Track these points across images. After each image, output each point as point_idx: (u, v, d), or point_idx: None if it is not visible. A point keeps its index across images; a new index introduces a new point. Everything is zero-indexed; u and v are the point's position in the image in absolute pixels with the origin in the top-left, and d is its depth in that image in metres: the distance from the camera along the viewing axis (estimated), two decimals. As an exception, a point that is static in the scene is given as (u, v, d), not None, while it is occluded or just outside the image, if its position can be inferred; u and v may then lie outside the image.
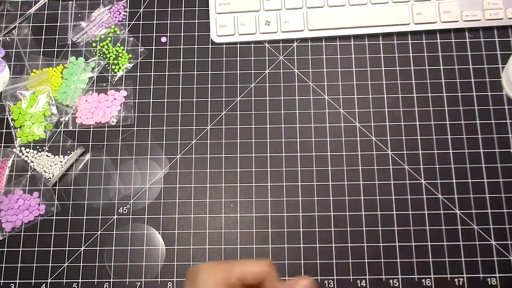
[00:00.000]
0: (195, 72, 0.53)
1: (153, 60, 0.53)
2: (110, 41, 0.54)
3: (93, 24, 0.53)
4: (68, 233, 0.48)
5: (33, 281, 0.47)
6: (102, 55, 0.53)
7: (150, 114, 0.52)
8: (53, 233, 0.48)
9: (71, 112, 0.52)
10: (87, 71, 0.53)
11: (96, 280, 0.47)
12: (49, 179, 0.49)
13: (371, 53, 0.53)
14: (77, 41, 0.53)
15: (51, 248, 0.48)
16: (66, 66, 0.53)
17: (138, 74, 0.53)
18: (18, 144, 0.51)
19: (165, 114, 0.52)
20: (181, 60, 0.53)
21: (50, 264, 0.48)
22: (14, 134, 0.51)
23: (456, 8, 0.53)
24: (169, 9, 0.55)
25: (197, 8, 0.55)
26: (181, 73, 0.53)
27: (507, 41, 0.52)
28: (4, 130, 0.52)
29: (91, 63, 0.53)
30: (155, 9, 0.55)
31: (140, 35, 0.54)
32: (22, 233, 0.48)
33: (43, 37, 0.55)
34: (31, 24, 0.55)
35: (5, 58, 0.54)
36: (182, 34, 0.54)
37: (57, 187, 0.50)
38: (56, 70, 0.53)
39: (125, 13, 0.55)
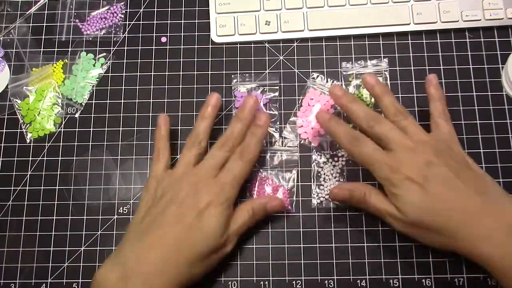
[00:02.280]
0: (195, 72, 0.53)
1: (153, 60, 0.53)
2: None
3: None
4: (68, 233, 0.48)
5: (33, 281, 0.47)
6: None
7: (150, 114, 0.52)
8: (53, 233, 0.48)
9: (80, 108, 0.52)
10: (97, 66, 0.53)
11: (96, 280, 0.47)
12: None
13: (371, 53, 0.53)
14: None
15: (51, 248, 0.48)
16: (66, 61, 0.53)
17: (138, 74, 0.53)
18: (29, 140, 0.51)
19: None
20: (181, 60, 0.53)
21: (50, 264, 0.48)
22: (25, 131, 0.51)
23: (456, 8, 0.53)
24: (169, 9, 0.55)
25: (197, 8, 0.55)
26: (181, 73, 0.53)
27: (507, 41, 0.52)
28: (15, 130, 0.51)
29: (100, 59, 0.53)
30: (155, 9, 0.55)
31: (140, 35, 0.54)
32: (22, 233, 0.49)
33: (43, 37, 0.55)
34: (31, 24, 0.55)
35: (4, 57, 0.54)
36: (182, 34, 0.54)
37: (57, 187, 0.50)
38: (57, 66, 0.53)
39: (122, 16, 0.55)
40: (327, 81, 0.51)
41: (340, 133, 0.43)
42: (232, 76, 0.52)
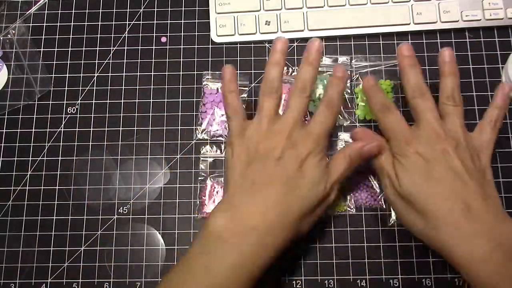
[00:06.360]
0: (195, 72, 0.53)
1: (153, 60, 0.53)
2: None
3: None
4: (68, 233, 0.49)
5: (33, 281, 0.47)
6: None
7: (150, 114, 0.52)
8: (53, 233, 0.49)
9: None
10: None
11: (96, 280, 0.47)
12: None
13: (371, 53, 0.53)
14: None
15: (51, 248, 0.48)
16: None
17: (138, 74, 0.53)
18: None
19: (165, 114, 0.52)
20: (181, 60, 0.53)
21: (50, 264, 0.48)
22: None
23: (456, 8, 0.53)
24: (169, 9, 0.55)
25: (197, 8, 0.55)
26: (181, 73, 0.53)
27: (507, 41, 0.52)
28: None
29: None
30: (155, 9, 0.55)
31: (140, 35, 0.54)
32: (22, 233, 0.49)
33: (43, 37, 0.55)
34: (31, 24, 0.55)
35: (2, 58, 0.54)
36: (182, 34, 0.54)
37: (57, 187, 0.50)
38: None
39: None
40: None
41: (376, 99, 0.44)
42: (204, 72, 0.52)
